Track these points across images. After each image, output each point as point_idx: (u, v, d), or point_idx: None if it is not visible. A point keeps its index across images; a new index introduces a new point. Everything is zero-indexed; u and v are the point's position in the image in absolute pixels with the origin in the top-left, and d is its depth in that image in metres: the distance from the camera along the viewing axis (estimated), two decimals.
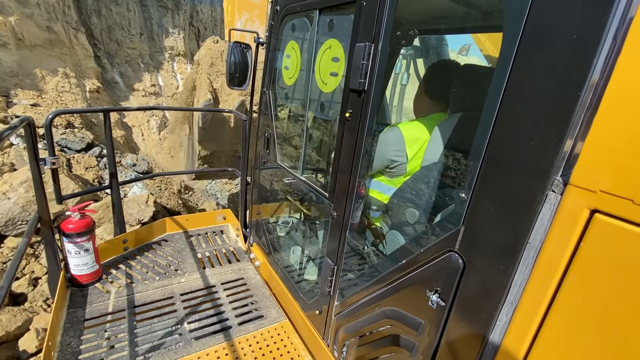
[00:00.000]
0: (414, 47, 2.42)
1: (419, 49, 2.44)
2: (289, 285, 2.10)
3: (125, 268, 2.34)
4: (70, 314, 1.89)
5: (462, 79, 1.63)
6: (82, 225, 2.01)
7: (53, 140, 2.06)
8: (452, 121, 1.52)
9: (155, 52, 10.90)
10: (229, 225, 3.11)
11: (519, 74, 0.79)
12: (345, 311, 1.53)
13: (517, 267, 0.82)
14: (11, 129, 1.51)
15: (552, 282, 0.76)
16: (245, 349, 1.83)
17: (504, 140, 0.83)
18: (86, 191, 3.06)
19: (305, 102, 1.88)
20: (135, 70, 10.23)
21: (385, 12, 1.18)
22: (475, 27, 1.97)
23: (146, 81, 10.36)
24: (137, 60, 10.30)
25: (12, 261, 1.51)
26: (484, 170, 0.87)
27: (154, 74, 10.66)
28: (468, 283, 0.95)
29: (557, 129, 0.72)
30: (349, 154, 1.40)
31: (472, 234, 0.92)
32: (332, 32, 1.59)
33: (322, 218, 1.97)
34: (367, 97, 1.29)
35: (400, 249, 1.31)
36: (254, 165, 2.47)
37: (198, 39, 12.11)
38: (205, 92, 5.76)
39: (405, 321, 1.17)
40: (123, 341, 1.77)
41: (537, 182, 0.76)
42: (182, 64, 11.37)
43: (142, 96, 10.07)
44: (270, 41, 2.08)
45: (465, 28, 2.02)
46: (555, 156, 0.73)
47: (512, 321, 0.85)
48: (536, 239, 0.78)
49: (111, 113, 2.48)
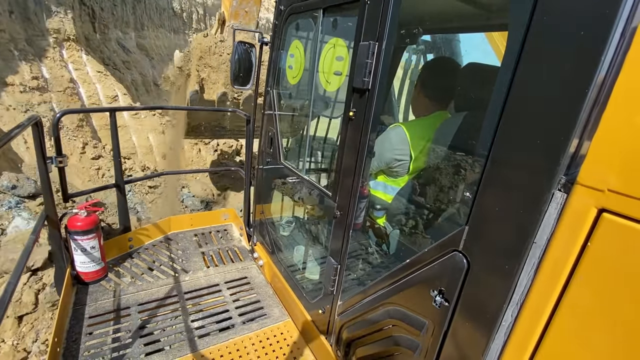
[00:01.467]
0: (424, 43, 2.40)
1: (430, 45, 2.42)
2: (292, 285, 2.10)
3: (130, 266, 2.36)
4: (76, 311, 1.91)
5: (465, 78, 1.62)
6: (88, 223, 2.03)
7: (60, 139, 2.09)
8: (456, 120, 1.51)
9: (34, 36, 8.40)
10: (232, 224, 3.12)
11: (525, 72, 0.78)
12: (348, 310, 1.52)
13: (522, 267, 0.81)
14: (19, 127, 1.53)
15: (558, 282, 0.75)
16: (249, 348, 1.83)
17: (509, 138, 0.82)
18: (92, 189, 3.09)
19: (309, 101, 1.88)
20: (5, 59, 7.70)
21: (389, 11, 1.17)
22: (480, 26, 1.95)
23: (24, 73, 7.89)
24: (8, 46, 7.76)
25: (19, 258, 1.52)
26: (488, 169, 0.87)
27: (36, 64, 8.19)
28: (472, 283, 0.94)
29: (563, 128, 0.71)
30: (352, 153, 1.40)
31: (476, 233, 0.91)
32: (336, 31, 1.59)
33: (325, 217, 1.97)
34: (371, 96, 1.28)
35: (404, 249, 1.30)
36: (258, 164, 2.48)
37: (93, 20, 10.05)
38: (194, 84, 5.94)
39: (409, 321, 1.17)
40: (128, 339, 1.78)
41: (543, 181, 0.75)
42: (74, 52, 8.92)
43: (20, 92, 7.68)
44: (275, 41, 2.09)
45: (470, 27, 2.01)
46: (561, 155, 0.72)
47: (518, 322, 0.84)
48: (542, 239, 0.77)
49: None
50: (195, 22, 17.35)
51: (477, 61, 1.59)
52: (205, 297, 2.17)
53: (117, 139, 2.49)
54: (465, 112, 1.48)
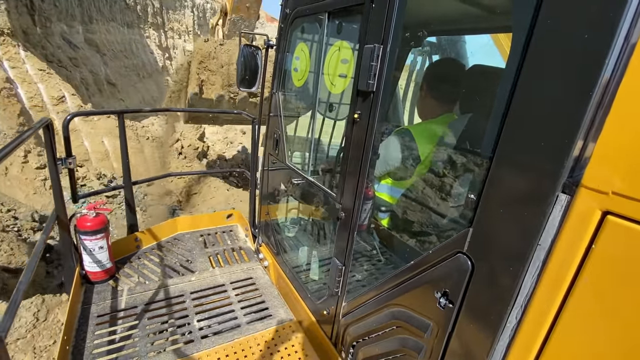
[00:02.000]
0: (429, 44, 2.40)
1: (435, 46, 2.42)
2: (297, 286, 2.11)
3: (137, 266, 2.39)
4: (84, 310, 1.94)
5: (470, 79, 1.62)
6: (97, 223, 2.06)
7: (70, 141, 2.13)
8: (461, 122, 1.51)
9: None
10: (238, 225, 3.15)
11: (529, 73, 0.78)
12: (352, 312, 1.53)
13: (527, 269, 0.81)
14: (31, 130, 1.57)
15: (563, 284, 0.75)
16: (254, 348, 1.84)
17: (513, 140, 0.83)
18: (100, 190, 3.14)
19: (314, 103, 1.89)
20: None
21: (394, 14, 1.18)
22: (485, 28, 1.95)
23: None
24: None
25: (30, 257, 1.56)
26: (493, 170, 0.87)
27: None
28: (477, 285, 0.94)
29: (568, 129, 0.71)
30: (357, 155, 1.41)
31: (481, 235, 0.92)
32: (341, 34, 1.60)
33: (330, 219, 1.98)
34: (375, 98, 1.29)
35: (408, 250, 1.30)
36: (263, 165, 2.50)
37: (33, 13, 9.21)
38: (194, 86, 6.24)
39: (413, 322, 1.17)
40: (135, 337, 1.80)
41: (548, 183, 0.75)
42: (10, 47, 8.05)
43: None
44: (280, 43, 2.11)
45: (475, 28, 2.01)
46: (566, 157, 0.72)
47: (522, 324, 0.84)
48: (546, 241, 0.77)
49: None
50: (151, 15, 15.95)
51: (483, 63, 1.59)
52: (211, 297, 2.19)
53: (125, 141, 2.53)
54: (470, 113, 1.48)
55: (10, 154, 1.23)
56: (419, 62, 2.50)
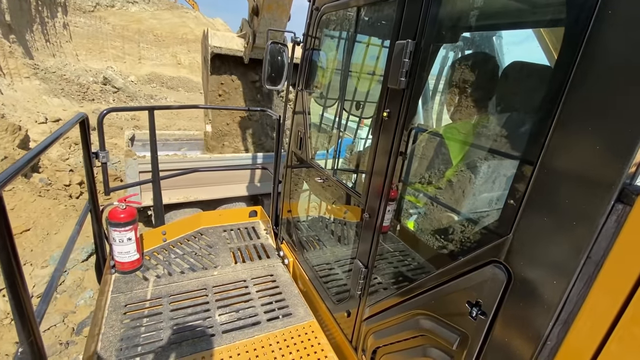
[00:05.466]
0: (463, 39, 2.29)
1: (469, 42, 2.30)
2: (317, 285, 2.09)
3: (163, 258, 2.47)
4: (113, 299, 2.02)
5: (510, 77, 1.52)
6: (127, 215, 2.14)
7: (104, 136, 2.22)
8: (497, 123, 1.42)
9: None
10: (260, 222, 3.17)
11: (583, 71, 0.71)
12: (375, 316, 1.49)
13: (574, 283, 0.74)
14: (69, 125, 1.64)
15: (615, 302, 0.68)
16: (273, 346, 1.84)
17: (563, 143, 0.76)
18: (131, 184, 3.26)
19: (340, 101, 1.86)
20: None
21: (429, 8, 1.13)
22: (529, 22, 1.82)
23: None
24: None
25: (65, 247, 1.63)
26: (537, 175, 0.80)
27: None
28: (514, 297, 0.88)
29: (628, 132, 0.64)
30: (384, 155, 1.36)
31: (521, 244, 0.85)
32: (371, 30, 1.55)
33: (353, 219, 1.94)
34: (406, 97, 1.24)
35: (438, 256, 1.25)
36: (286, 163, 2.50)
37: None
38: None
39: (441, 332, 1.11)
40: (159, 328, 1.85)
41: (602, 191, 0.68)
42: None
43: None
44: (307, 40, 2.09)
45: (518, 23, 1.89)
46: (625, 163, 0.65)
47: (564, 343, 0.77)
48: (598, 254, 0.70)
49: None
50: None
51: (521, 59, 1.49)
52: (232, 292, 2.22)
53: (155, 136, 2.61)
54: (509, 113, 1.39)
55: (48, 149, 1.28)
56: (450, 58, 2.40)
